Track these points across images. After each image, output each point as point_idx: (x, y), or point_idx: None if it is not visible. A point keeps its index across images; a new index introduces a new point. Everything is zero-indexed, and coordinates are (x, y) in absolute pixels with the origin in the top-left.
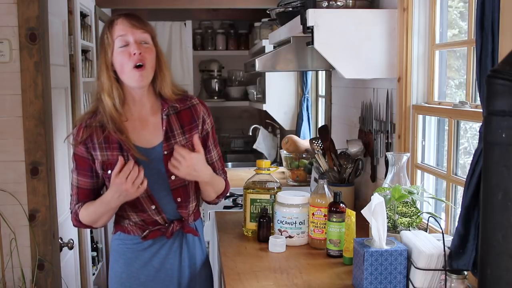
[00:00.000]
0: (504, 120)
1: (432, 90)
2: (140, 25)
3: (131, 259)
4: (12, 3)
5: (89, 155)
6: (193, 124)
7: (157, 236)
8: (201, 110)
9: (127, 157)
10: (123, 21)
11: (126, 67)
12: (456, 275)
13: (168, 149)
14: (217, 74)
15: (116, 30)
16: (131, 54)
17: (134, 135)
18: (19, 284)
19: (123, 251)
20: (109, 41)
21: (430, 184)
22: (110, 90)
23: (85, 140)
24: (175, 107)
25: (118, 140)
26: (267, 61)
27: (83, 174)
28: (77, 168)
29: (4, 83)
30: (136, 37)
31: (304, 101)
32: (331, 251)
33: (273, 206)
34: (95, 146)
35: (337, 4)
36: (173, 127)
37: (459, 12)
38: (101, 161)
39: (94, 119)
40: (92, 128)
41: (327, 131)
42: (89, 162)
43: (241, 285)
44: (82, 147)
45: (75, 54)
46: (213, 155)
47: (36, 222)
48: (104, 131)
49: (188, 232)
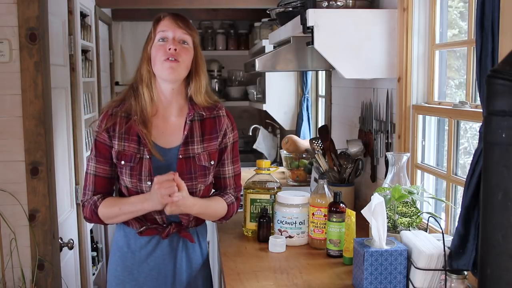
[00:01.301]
0: (504, 120)
1: (432, 90)
2: (183, 26)
3: (127, 253)
4: (12, 3)
5: (110, 142)
6: (213, 135)
7: (152, 234)
8: (225, 122)
9: (143, 152)
10: (169, 19)
11: (158, 59)
12: (456, 275)
13: (184, 154)
14: (217, 74)
15: (160, 26)
16: (166, 49)
17: (155, 132)
18: (19, 284)
19: (121, 244)
20: (151, 35)
21: (430, 184)
22: (148, 82)
23: (108, 128)
24: (201, 115)
25: (138, 133)
26: (267, 61)
27: (103, 161)
28: (96, 155)
29: (4, 83)
30: (176, 35)
31: (304, 101)
32: (331, 251)
33: (273, 206)
34: (115, 135)
35: (337, 4)
36: (194, 133)
37: (459, 12)
38: (117, 150)
39: (121, 108)
40: (117, 116)
41: (327, 131)
42: (110, 150)
43: (241, 285)
44: (105, 134)
45: (75, 54)
46: (227, 170)
47: (36, 222)
48: (128, 122)
49: (184, 236)
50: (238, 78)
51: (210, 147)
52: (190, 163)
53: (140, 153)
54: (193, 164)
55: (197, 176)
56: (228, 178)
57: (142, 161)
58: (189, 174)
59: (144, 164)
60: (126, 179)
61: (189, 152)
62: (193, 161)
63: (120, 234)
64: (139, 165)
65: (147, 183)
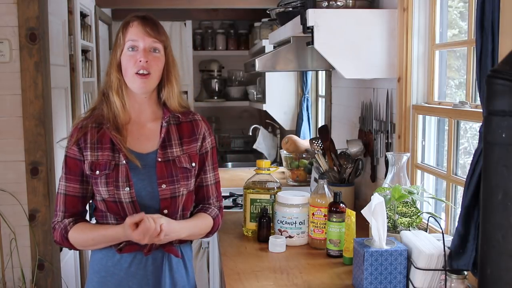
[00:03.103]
0: (504, 120)
1: (432, 90)
2: (153, 33)
3: (105, 277)
4: (12, 3)
5: (81, 156)
6: (192, 138)
7: (133, 250)
8: (202, 126)
9: (118, 158)
10: (138, 25)
11: (129, 72)
12: (456, 275)
13: (162, 157)
14: (217, 74)
15: (129, 33)
16: (137, 60)
17: (130, 138)
18: (19, 284)
19: (98, 268)
20: (120, 42)
21: (430, 184)
22: (119, 89)
23: (78, 140)
24: (176, 117)
25: (111, 141)
26: (267, 61)
27: (73, 179)
28: (66, 173)
29: (4, 83)
30: (146, 44)
31: (304, 101)
32: (331, 251)
33: (273, 206)
34: (87, 146)
35: (337, 4)
36: (171, 136)
37: (459, 12)
38: (90, 161)
39: (91, 120)
40: (87, 128)
41: (327, 131)
42: (81, 165)
43: (241, 285)
44: (75, 148)
45: (75, 54)
46: (209, 177)
47: (36, 222)
48: (99, 131)
49: (168, 251)
50: (238, 78)
51: (190, 149)
52: (170, 166)
53: (115, 160)
54: (173, 167)
55: (179, 179)
56: (210, 185)
57: (118, 168)
58: (170, 177)
59: (120, 170)
60: (102, 189)
61: (168, 156)
62: (173, 164)
63: (96, 257)
64: (115, 172)
65: (125, 189)
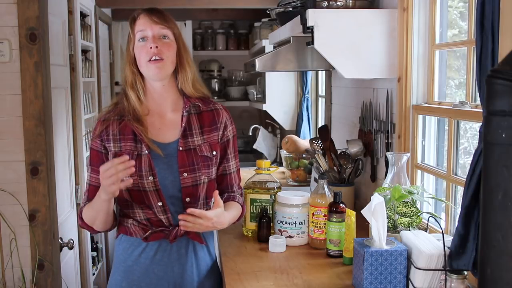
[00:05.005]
0: (504, 120)
1: (432, 90)
2: (160, 21)
3: (131, 266)
4: (12, 3)
5: (103, 148)
6: (213, 127)
7: (159, 238)
8: (224, 115)
9: (141, 148)
10: (144, 17)
11: (143, 61)
12: (456, 275)
13: (184, 146)
14: (217, 74)
15: (137, 25)
16: (148, 49)
17: (151, 129)
18: (19, 284)
19: (124, 258)
20: (130, 36)
21: (430, 184)
22: (133, 83)
23: (101, 133)
24: (197, 107)
25: (133, 132)
26: (267, 61)
27: (96, 170)
28: (90, 164)
29: (4, 83)
30: (154, 32)
31: (304, 101)
32: (331, 251)
33: (273, 206)
34: (109, 137)
35: (337, 4)
36: (192, 125)
37: (459, 12)
38: (114, 152)
39: (113, 113)
40: (110, 121)
41: (327, 131)
42: (102, 157)
43: (241, 285)
44: (97, 140)
45: (75, 54)
46: (231, 165)
47: (36, 222)
48: (121, 123)
49: (192, 238)
50: (238, 78)
51: (210, 138)
52: (191, 155)
53: (138, 150)
54: (194, 155)
55: (200, 167)
56: (233, 173)
57: (140, 157)
58: (192, 166)
59: (143, 160)
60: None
61: (189, 144)
62: (195, 153)
63: (122, 247)
64: (138, 161)
65: (149, 178)
